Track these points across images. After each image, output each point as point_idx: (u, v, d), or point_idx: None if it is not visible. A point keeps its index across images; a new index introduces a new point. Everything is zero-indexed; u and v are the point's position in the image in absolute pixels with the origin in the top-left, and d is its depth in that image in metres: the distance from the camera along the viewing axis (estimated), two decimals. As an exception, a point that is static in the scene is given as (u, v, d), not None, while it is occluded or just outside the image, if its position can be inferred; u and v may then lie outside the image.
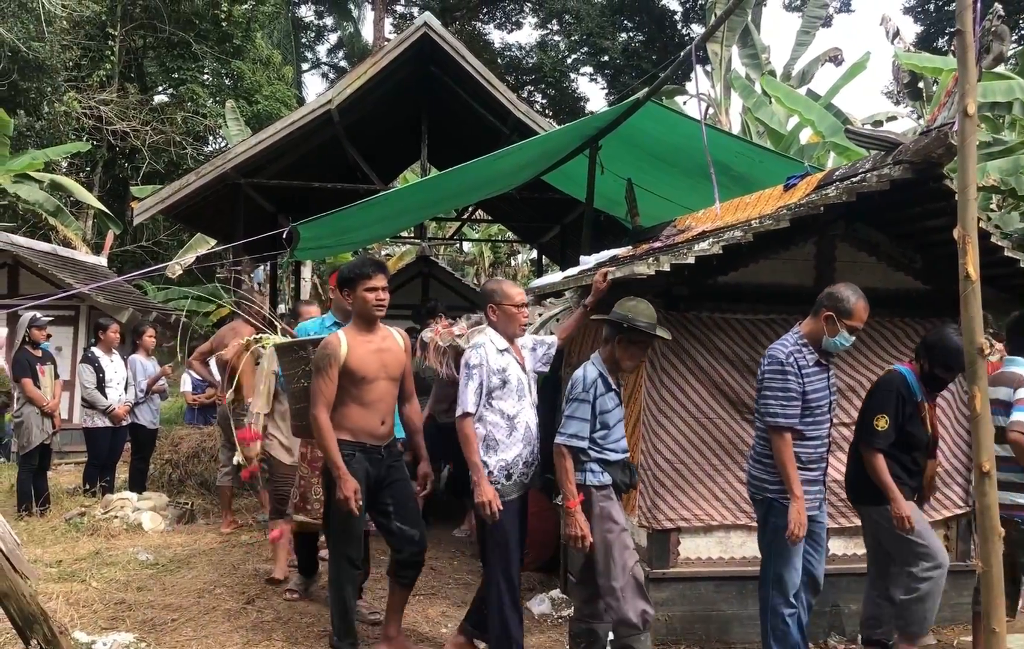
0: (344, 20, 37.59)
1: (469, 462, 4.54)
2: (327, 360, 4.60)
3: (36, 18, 18.30)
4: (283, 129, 10.82)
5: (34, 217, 19.17)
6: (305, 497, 5.73)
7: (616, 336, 4.49)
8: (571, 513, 4.37)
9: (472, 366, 4.60)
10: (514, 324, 4.76)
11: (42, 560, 6.99)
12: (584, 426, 4.41)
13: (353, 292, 4.75)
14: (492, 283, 4.97)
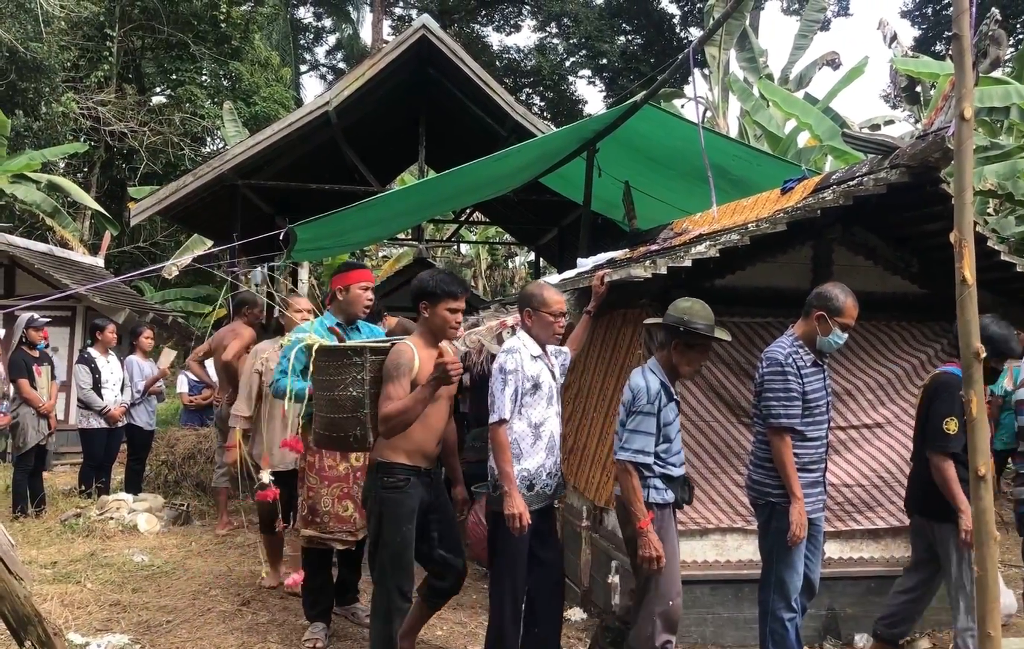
0: (343, 22, 37.62)
1: (501, 471, 4.34)
2: (402, 369, 4.28)
3: (34, 18, 18.30)
4: (281, 130, 10.82)
5: (31, 217, 19.16)
6: (314, 509, 5.31)
7: (673, 341, 4.35)
8: (644, 533, 4.21)
9: (508, 371, 4.41)
10: (549, 332, 4.58)
11: (37, 561, 6.98)
12: (650, 441, 4.26)
13: (432, 307, 4.41)
14: (533, 287, 4.77)
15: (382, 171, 14.85)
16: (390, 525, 4.36)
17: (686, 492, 4.47)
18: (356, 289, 5.30)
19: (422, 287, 4.46)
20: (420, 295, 4.45)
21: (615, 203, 8.57)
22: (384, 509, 4.37)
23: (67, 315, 12.74)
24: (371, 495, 4.46)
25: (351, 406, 4.39)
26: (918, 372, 5.65)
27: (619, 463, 4.31)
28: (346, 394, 4.41)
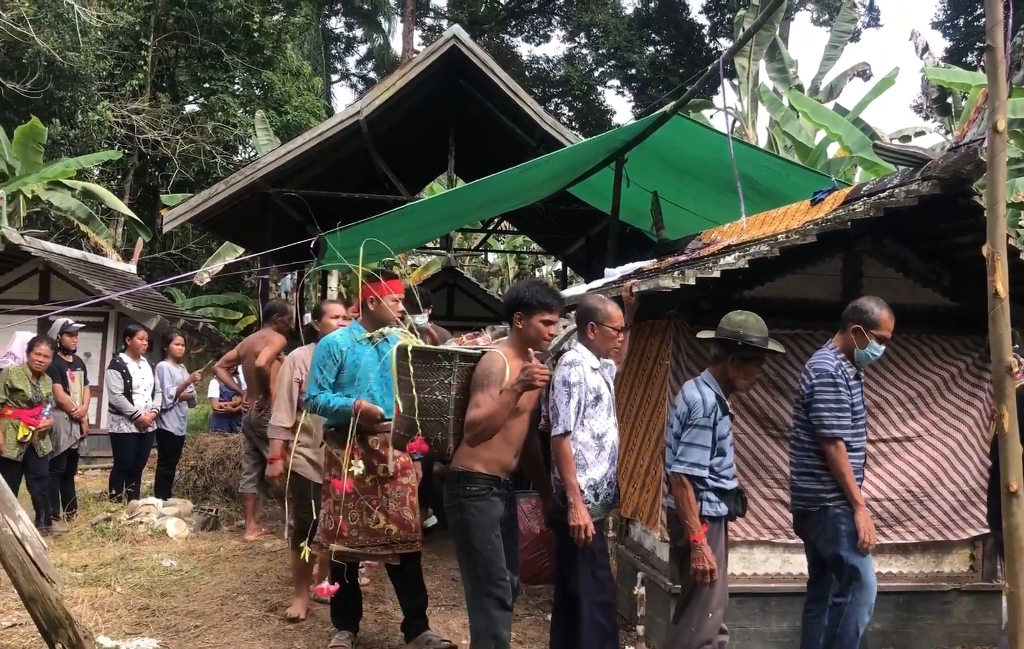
0: (374, 32, 37.86)
1: (566, 482, 4.29)
2: (493, 377, 4.22)
3: (72, 28, 18.56)
4: (312, 139, 10.91)
5: (66, 224, 19.43)
6: (342, 525, 5.11)
7: (728, 355, 4.37)
8: (698, 546, 4.23)
9: (572, 384, 4.36)
10: (610, 346, 4.54)
11: (68, 564, 7.05)
12: (705, 454, 4.28)
13: (527, 318, 4.33)
14: (595, 300, 4.66)
15: (411, 180, 14.94)
16: (478, 533, 4.28)
17: (739, 505, 4.49)
18: (388, 301, 5.22)
19: (517, 298, 4.41)
20: (514, 306, 4.39)
21: (643, 213, 8.56)
22: (470, 518, 4.29)
23: (100, 321, 12.89)
24: (453, 506, 4.37)
25: (435, 410, 4.37)
26: (948, 386, 5.60)
27: (674, 476, 4.33)
28: (432, 397, 4.38)
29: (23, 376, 8.19)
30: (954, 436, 5.63)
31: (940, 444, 5.59)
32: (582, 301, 4.73)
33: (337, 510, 5.10)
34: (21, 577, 4.44)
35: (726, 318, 4.43)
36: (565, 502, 4.32)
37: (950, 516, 5.61)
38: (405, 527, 5.14)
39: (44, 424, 8.33)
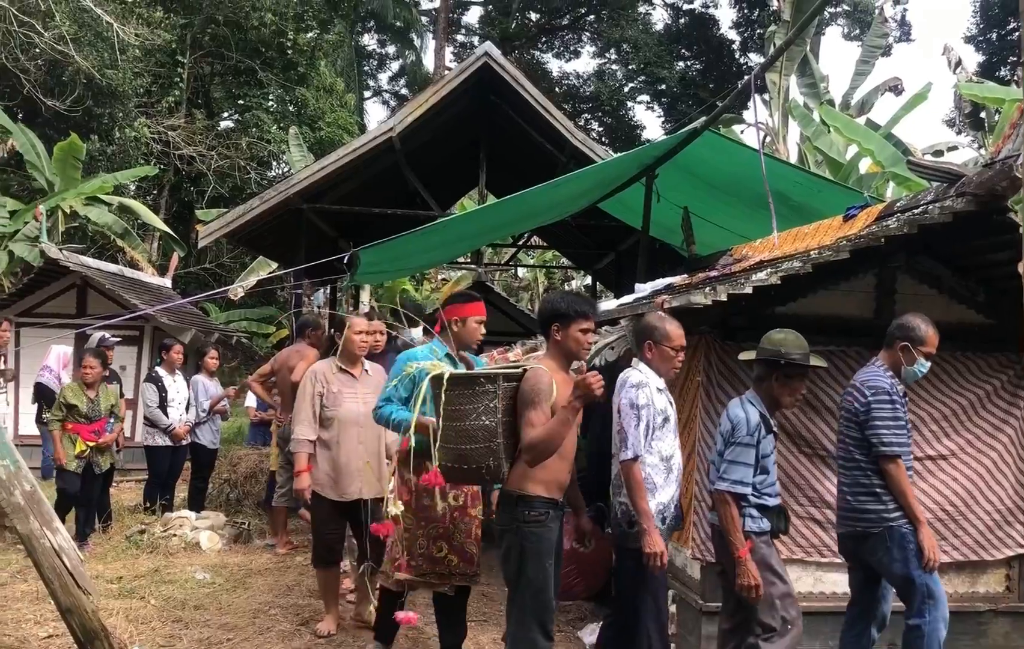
0: (406, 49, 38.12)
1: (639, 508, 4.22)
2: (543, 394, 4.09)
3: (111, 47, 18.86)
4: (346, 156, 11.00)
5: (103, 239, 19.69)
6: (410, 551, 4.95)
7: (772, 374, 4.39)
8: (742, 562, 4.24)
9: (640, 406, 4.30)
10: (670, 366, 4.47)
11: (103, 576, 7.13)
12: (748, 472, 4.30)
13: (564, 328, 4.26)
14: (654, 319, 4.58)
15: (443, 196, 15.01)
16: (534, 561, 4.13)
17: (782, 521, 4.48)
18: (472, 322, 5.06)
19: (553, 309, 4.33)
20: (551, 317, 4.31)
21: (674, 229, 8.55)
22: (527, 544, 4.14)
23: (135, 334, 13.04)
24: (510, 530, 4.21)
25: (484, 436, 4.15)
26: (983, 404, 5.55)
27: (717, 493, 4.34)
28: (478, 424, 4.16)
29: (77, 392, 8.28)
30: (989, 454, 5.57)
31: (975, 463, 5.54)
32: (640, 318, 4.66)
33: (407, 538, 4.93)
34: (58, 589, 4.52)
35: (766, 337, 4.44)
36: (631, 526, 4.29)
37: (985, 536, 5.55)
38: (466, 560, 4.99)
39: (106, 439, 8.38)
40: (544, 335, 4.43)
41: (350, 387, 5.87)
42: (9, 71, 17.93)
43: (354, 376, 5.92)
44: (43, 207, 16.18)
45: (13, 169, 19.43)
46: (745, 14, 33.74)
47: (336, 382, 5.86)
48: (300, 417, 5.86)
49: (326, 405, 5.81)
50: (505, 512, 4.26)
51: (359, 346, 5.90)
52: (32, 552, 4.55)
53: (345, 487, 5.77)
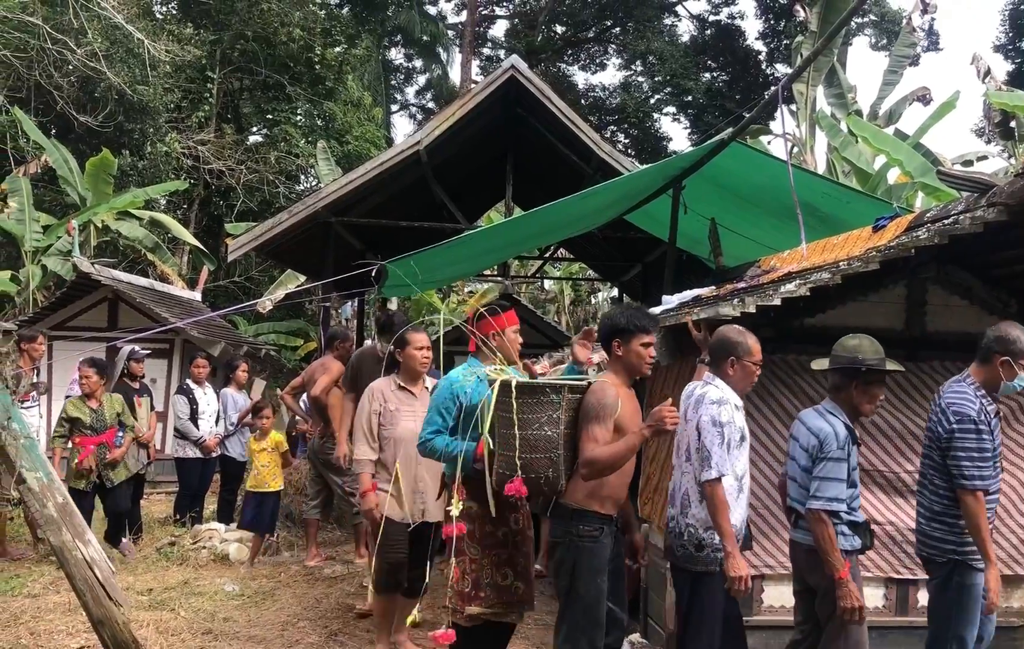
0: (432, 63, 38.33)
1: (722, 531, 4.13)
2: (607, 410, 4.09)
3: (142, 63, 19.11)
4: (373, 169, 11.06)
5: (134, 253, 19.90)
6: (477, 583, 4.68)
7: (851, 382, 4.28)
8: (844, 583, 4.09)
9: (723, 424, 4.21)
10: (750, 382, 4.41)
11: (134, 588, 7.18)
12: (842, 487, 4.17)
13: (626, 344, 4.26)
14: (734, 333, 4.45)
15: (470, 208, 15.04)
16: (586, 576, 4.14)
17: (868, 537, 4.36)
18: (510, 333, 4.94)
19: (613, 325, 4.32)
20: (612, 333, 4.30)
21: (701, 240, 8.53)
22: (580, 559, 4.15)
23: (166, 347, 13.17)
24: (563, 543, 4.24)
25: (545, 446, 4.16)
26: (1017, 416, 5.48)
27: (812, 513, 4.18)
28: (540, 433, 4.17)
29: (78, 405, 8.31)
30: (1023, 467, 5.50)
31: (1008, 475, 5.47)
32: (718, 333, 4.52)
33: (475, 570, 4.69)
34: (90, 600, 4.57)
35: (839, 344, 4.35)
36: (700, 550, 4.23)
37: (1019, 549, 5.48)
38: (529, 584, 4.85)
39: (115, 455, 8.32)
40: (605, 351, 4.38)
41: (408, 405, 5.60)
42: (43, 88, 18.20)
43: (414, 394, 5.65)
44: (75, 222, 16.41)
45: (46, 184, 19.69)
46: (771, 25, 33.59)
47: (394, 400, 5.60)
48: (357, 436, 5.63)
49: (383, 424, 5.56)
50: (559, 525, 4.28)
51: (421, 362, 5.62)
52: (64, 564, 4.59)
53: (407, 510, 5.51)
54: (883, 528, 5.40)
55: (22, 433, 4.60)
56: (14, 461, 4.54)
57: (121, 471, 8.47)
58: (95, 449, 8.21)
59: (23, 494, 4.64)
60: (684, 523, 4.33)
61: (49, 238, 17.65)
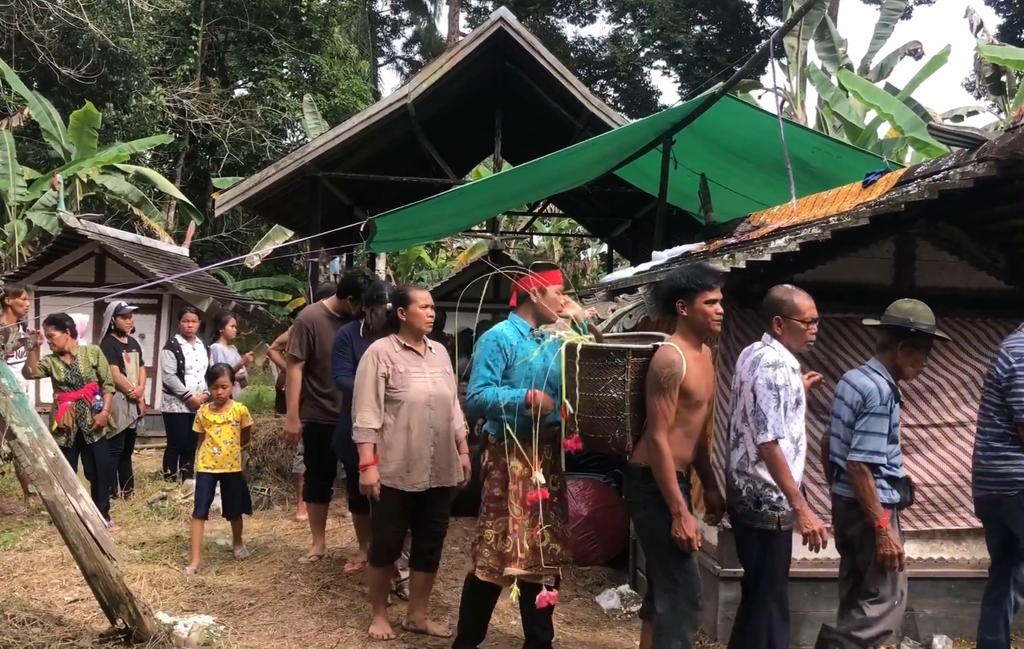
0: (419, 14, 37.99)
1: (787, 490, 4.15)
2: (672, 378, 4.05)
3: (124, 14, 18.89)
4: (361, 123, 10.97)
5: (120, 208, 19.77)
6: (518, 545, 4.60)
7: (898, 342, 4.31)
8: (883, 532, 4.19)
9: (779, 387, 4.20)
10: (802, 340, 4.33)
11: (126, 542, 7.23)
12: (882, 441, 4.24)
13: (690, 303, 4.17)
14: (781, 292, 4.40)
15: (458, 163, 14.97)
16: (667, 528, 4.10)
17: (908, 492, 4.44)
18: (552, 292, 4.80)
19: (674, 285, 4.24)
20: (674, 294, 4.23)
21: (691, 195, 8.52)
22: (658, 514, 4.15)
23: (154, 303, 13.11)
24: (638, 502, 4.30)
25: (611, 408, 4.21)
26: (1004, 370, 5.52)
27: (853, 464, 4.26)
28: (606, 396, 4.21)
29: (51, 361, 8.08)
30: (1008, 421, 5.56)
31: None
32: (768, 293, 4.47)
33: (516, 531, 4.61)
34: (83, 554, 4.59)
35: (893, 306, 4.38)
36: (759, 506, 4.27)
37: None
38: (567, 545, 4.79)
39: (98, 420, 8.07)
40: (669, 312, 4.32)
41: (417, 366, 5.27)
42: (24, 39, 17.96)
43: (419, 354, 5.32)
44: (60, 176, 16.26)
45: (29, 138, 19.49)
46: (763, -23, 33.41)
47: (402, 361, 5.23)
48: (362, 402, 5.16)
49: (393, 387, 5.18)
50: (632, 484, 4.34)
51: (426, 321, 5.33)
52: (57, 518, 4.61)
53: (417, 477, 5.21)
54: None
55: (11, 389, 4.59)
56: (4, 416, 4.53)
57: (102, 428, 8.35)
58: (72, 405, 8.06)
59: (14, 449, 4.64)
60: (743, 482, 4.35)
61: (33, 192, 17.50)
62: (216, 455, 6.96)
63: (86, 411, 8.07)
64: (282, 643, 5.26)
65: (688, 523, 4.04)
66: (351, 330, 6.26)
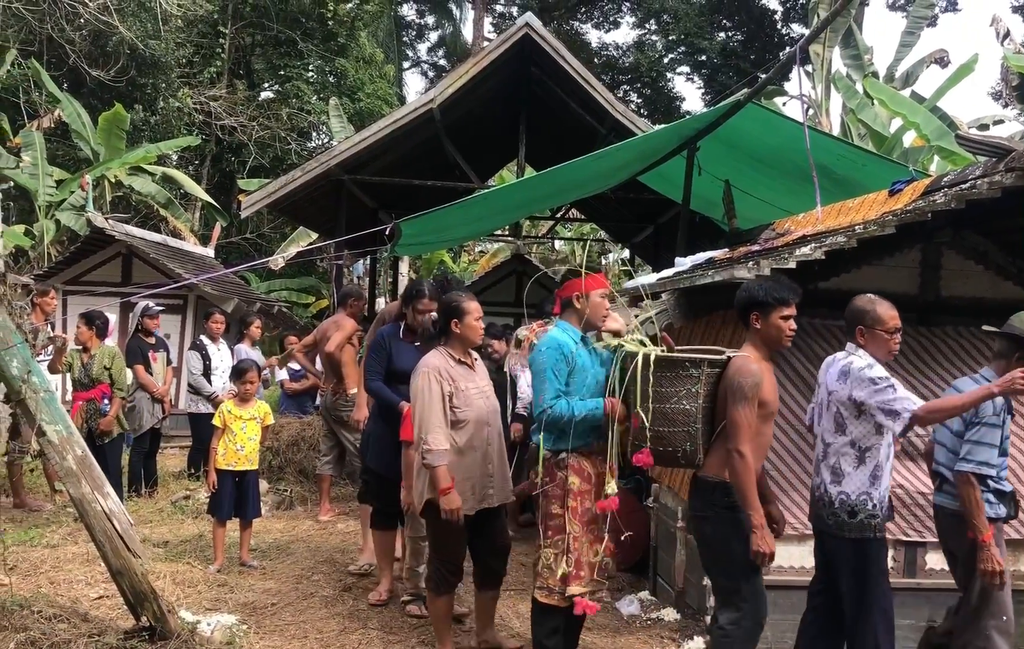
0: (445, 19, 38.06)
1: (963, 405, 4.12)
2: (755, 388, 4.03)
3: (153, 17, 19.06)
4: (386, 127, 11.04)
5: (146, 208, 19.93)
6: (579, 562, 4.47)
7: (1016, 353, 4.27)
8: (986, 547, 4.13)
9: (880, 376, 4.14)
10: (885, 351, 4.25)
11: (150, 540, 7.28)
12: (993, 453, 4.18)
13: (765, 317, 4.15)
14: (864, 302, 4.34)
15: (482, 167, 15.03)
16: (739, 544, 4.09)
17: (1012, 507, 4.36)
18: (596, 297, 4.62)
19: (751, 297, 4.20)
20: (750, 306, 4.20)
21: (715, 202, 8.51)
22: (731, 530, 4.12)
23: (179, 303, 13.21)
24: (707, 517, 4.24)
25: (683, 420, 4.14)
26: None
27: (961, 474, 4.20)
28: (679, 407, 4.13)
29: (74, 355, 8.28)
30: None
31: (1018, 440, 5.48)
32: (850, 302, 4.42)
33: (576, 548, 4.46)
34: (109, 551, 4.63)
35: (1017, 316, 4.35)
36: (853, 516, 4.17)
37: None
38: (614, 558, 4.71)
39: (104, 425, 8.08)
40: (743, 323, 4.30)
41: (472, 382, 5.04)
42: (55, 41, 18.16)
43: (470, 367, 5.11)
44: (89, 177, 16.42)
45: (59, 139, 19.70)
46: (788, -16, 33.25)
47: (460, 378, 4.98)
48: (432, 423, 4.83)
49: (457, 406, 4.92)
50: (700, 497, 4.27)
51: (480, 333, 5.15)
52: (84, 515, 4.66)
53: (480, 497, 4.98)
54: (893, 492, 5.43)
55: (42, 387, 4.65)
56: (34, 414, 4.59)
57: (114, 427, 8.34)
58: (83, 405, 8.16)
59: (43, 446, 4.70)
60: (835, 492, 4.24)
61: (62, 193, 17.68)
62: (239, 451, 6.83)
63: (96, 412, 8.18)
64: (304, 643, 5.29)
65: (769, 537, 4.01)
66: (390, 332, 5.98)
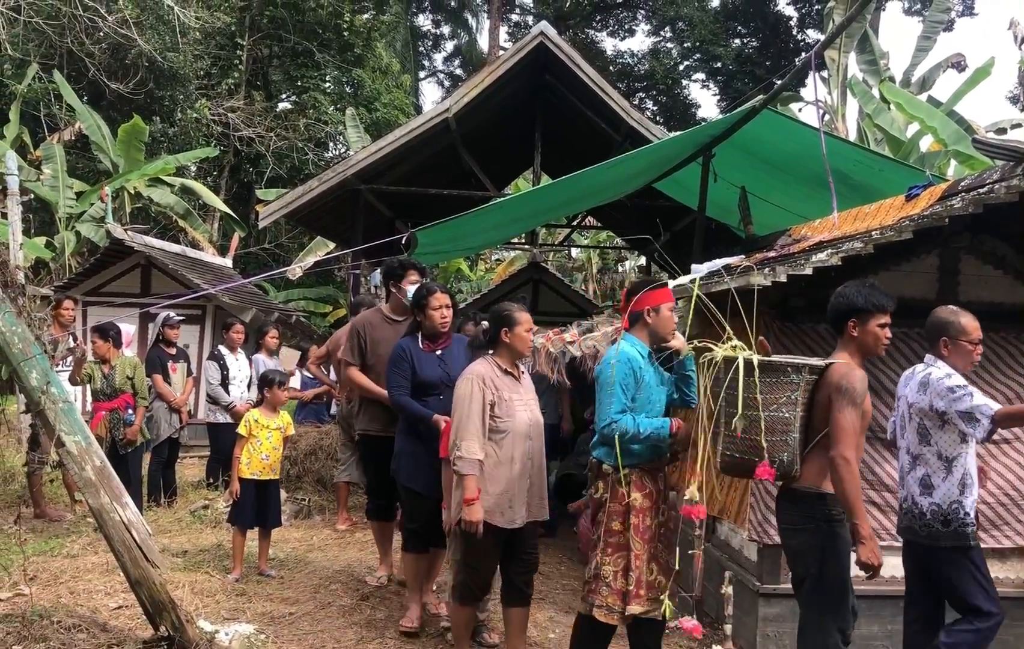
0: (460, 29, 38.20)
1: None
2: (864, 394, 3.99)
3: (172, 30, 19.22)
4: (402, 137, 11.08)
5: (165, 219, 20.08)
6: (639, 581, 4.38)
7: None
8: None
9: (959, 384, 4.20)
10: (968, 362, 4.28)
11: (169, 550, 7.30)
12: None
13: (863, 324, 4.12)
14: (946, 313, 4.39)
15: (498, 176, 15.05)
16: (836, 560, 4.04)
17: None
18: (665, 311, 4.57)
19: (850, 304, 4.15)
20: (848, 312, 4.15)
21: (730, 208, 8.49)
22: (828, 544, 4.04)
23: (198, 314, 13.29)
24: (805, 529, 4.12)
25: (782, 428, 4.01)
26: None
27: None
28: (777, 415, 4.00)
29: (92, 366, 8.33)
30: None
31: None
32: (932, 314, 4.43)
33: (638, 566, 4.38)
34: (128, 562, 4.66)
35: None
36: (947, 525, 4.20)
37: None
38: (670, 578, 4.51)
39: (130, 435, 8.22)
40: (837, 330, 4.24)
41: (517, 393, 4.92)
42: (75, 55, 18.34)
43: (517, 379, 4.99)
44: (108, 188, 16.56)
45: (79, 151, 19.89)
46: (803, -10, 33.22)
47: (505, 387, 4.87)
48: (469, 431, 4.73)
49: (498, 416, 4.81)
50: (798, 509, 4.15)
51: (529, 345, 5.04)
52: (103, 526, 4.68)
53: (516, 511, 4.84)
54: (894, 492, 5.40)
55: (61, 397, 4.68)
56: (53, 425, 4.62)
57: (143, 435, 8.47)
58: (106, 415, 8.25)
59: (62, 457, 4.73)
60: (927, 504, 4.26)
61: (82, 204, 17.84)
62: (264, 460, 6.80)
63: (119, 422, 8.26)
64: (321, 652, 5.31)
65: (877, 548, 3.91)
66: (410, 343, 5.81)
